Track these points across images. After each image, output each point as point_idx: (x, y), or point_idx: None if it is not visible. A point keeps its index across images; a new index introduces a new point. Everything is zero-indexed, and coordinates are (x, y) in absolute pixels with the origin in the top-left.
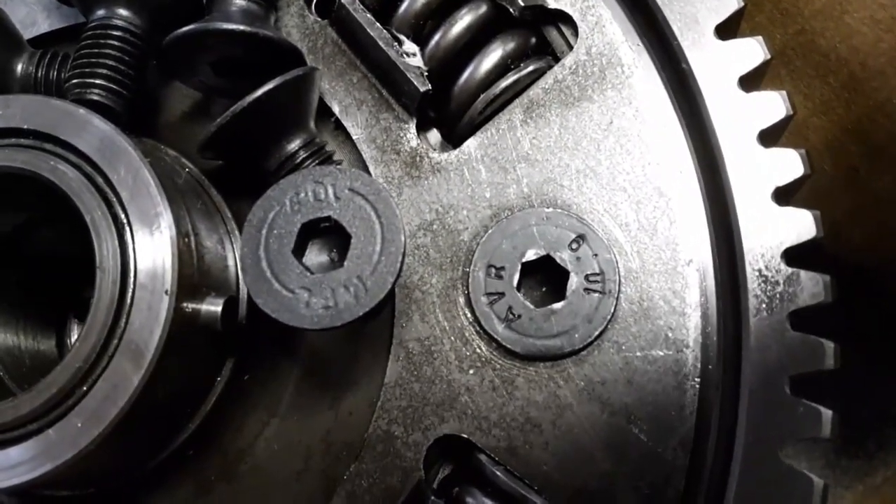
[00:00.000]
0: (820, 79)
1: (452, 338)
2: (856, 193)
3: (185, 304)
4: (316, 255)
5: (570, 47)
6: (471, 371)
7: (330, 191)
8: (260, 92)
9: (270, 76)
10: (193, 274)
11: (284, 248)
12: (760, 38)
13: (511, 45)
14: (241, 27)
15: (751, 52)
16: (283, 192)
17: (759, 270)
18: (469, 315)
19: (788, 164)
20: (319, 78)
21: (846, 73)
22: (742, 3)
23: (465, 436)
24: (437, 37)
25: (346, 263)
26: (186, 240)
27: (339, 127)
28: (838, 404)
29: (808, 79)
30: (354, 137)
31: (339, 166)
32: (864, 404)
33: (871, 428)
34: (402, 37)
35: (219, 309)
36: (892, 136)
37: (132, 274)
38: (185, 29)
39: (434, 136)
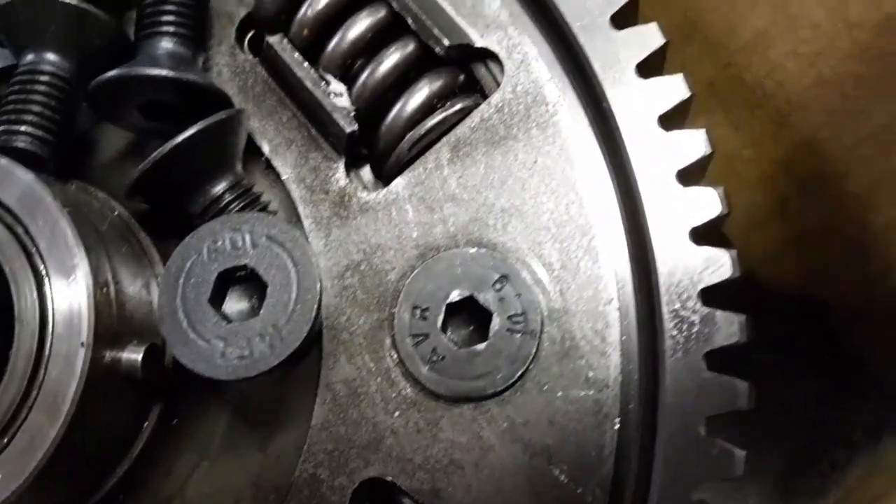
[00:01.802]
0: (749, 112)
1: (379, 379)
2: (787, 225)
3: (104, 354)
4: (236, 303)
5: (498, 84)
6: (396, 413)
7: (247, 238)
8: (179, 139)
9: (199, 118)
10: (113, 323)
11: (201, 297)
12: (682, 75)
13: (438, 84)
14: (164, 72)
15: (672, 90)
16: (201, 240)
17: (676, 311)
18: (395, 356)
19: (706, 203)
20: (245, 120)
21: (773, 108)
22: (664, 41)
23: (389, 478)
24: (363, 76)
25: (261, 312)
26: (104, 290)
27: (271, 166)
28: (793, 425)
29: (738, 111)
30: (283, 177)
31: (256, 213)
32: (818, 426)
33: (823, 449)
34: (329, 76)
35: (139, 357)
36: (818, 171)
37: (50, 326)
38: (108, 75)
39: (367, 172)
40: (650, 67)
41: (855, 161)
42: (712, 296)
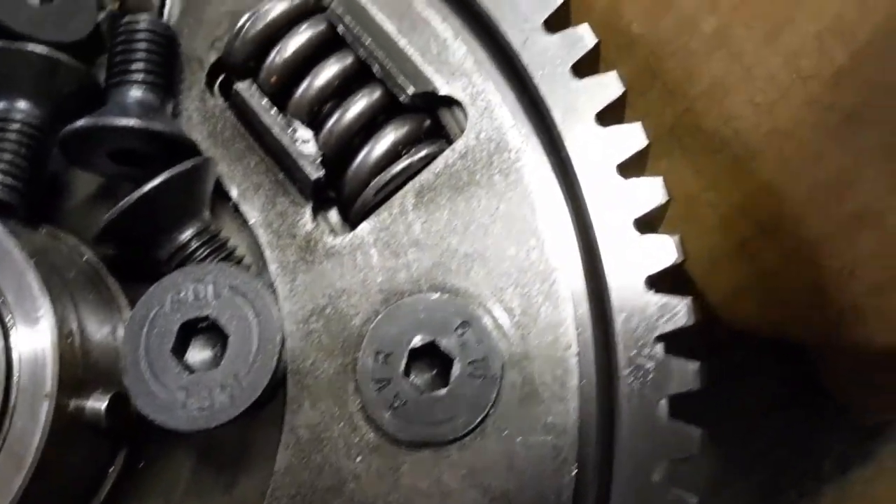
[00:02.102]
0: (709, 156)
1: (342, 424)
2: (746, 266)
3: (68, 403)
4: (199, 352)
5: (463, 130)
6: (358, 458)
7: (210, 289)
8: (146, 188)
9: (169, 164)
10: (78, 372)
11: (164, 348)
12: (639, 124)
13: (403, 131)
14: (132, 122)
15: (630, 138)
16: (165, 291)
17: (632, 357)
18: (358, 402)
19: (662, 251)
20: (213, 167)
21: (731, 153)
22: (622, 90)
23: None
24: (330, 123)
25: (223, 363)
26: (70, 340)
27: (239, 210)
28: (764, 454)
29: (698, 155)
30: (251, 222)
31: (219, 264)
32: (788, 456)
33: (792, 479)
34: (296, 123)
35: (104, 406)
36: (775, 215)
37: (15, 376)
38: (76, 125)
39: (335, 215)
40: (609, 116)
41: (811, 207)
42: (668, 343)
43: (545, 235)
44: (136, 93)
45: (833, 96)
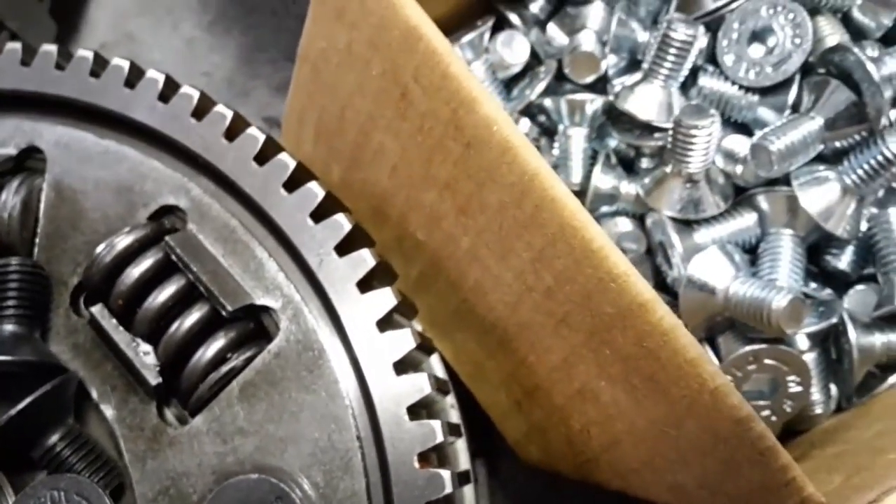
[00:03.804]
0: (484, 335)
1: None
2: (524, 419)
3: None
4: None
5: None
6: None
7: (63, 496)
8: (13, 412)
9: (42, 378)
10: None
11: None
12: (409, 330)
13: (228, 339)
14: (3, 358)
15: (401, 342)
16: (28, 498)
17: None
18: None
19: (428, 434)
20: (72, 382)
21: (497, 335)
22: (395, 302)
23: None
24: (166, 337)
25: None
26: None
27: (99, 408)
28: None
29: (477, 332)
30: (108, 418)
31: (70, 475)
32: None
33: None
34: (139, 339)
35: None
36: (533, 385)
37: None
38: None
39: (178, 408)
40: (388, 322)
41: (551, 382)
42: None
43: (343, 421)
44: (7, 327)
45: (548, 305)
